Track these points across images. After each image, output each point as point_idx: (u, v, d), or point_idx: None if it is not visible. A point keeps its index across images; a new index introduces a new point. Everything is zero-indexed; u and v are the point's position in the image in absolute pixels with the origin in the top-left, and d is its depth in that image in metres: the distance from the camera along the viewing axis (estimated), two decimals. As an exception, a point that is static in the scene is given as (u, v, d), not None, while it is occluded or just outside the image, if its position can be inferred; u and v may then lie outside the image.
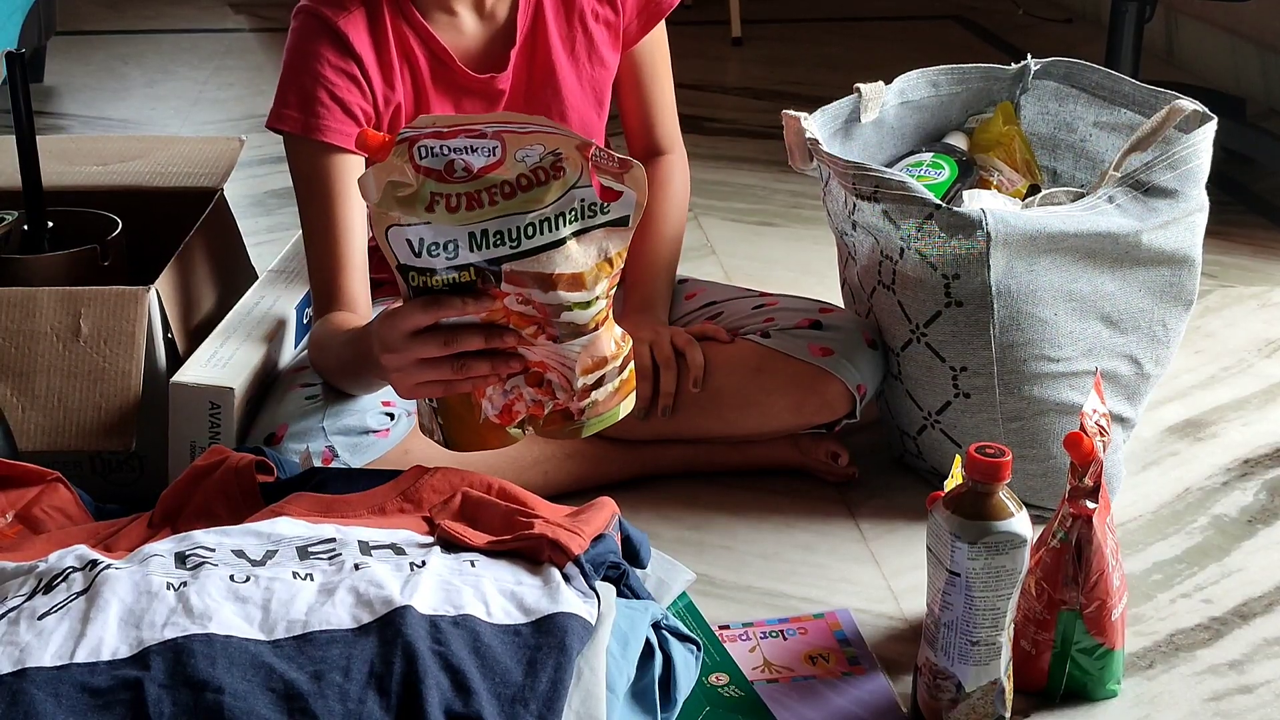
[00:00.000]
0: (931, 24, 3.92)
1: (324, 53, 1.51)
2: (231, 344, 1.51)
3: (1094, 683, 1.26)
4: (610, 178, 1.18)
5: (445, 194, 1.15)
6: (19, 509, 1.33)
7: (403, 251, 1.18)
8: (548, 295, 1.18)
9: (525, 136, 1.15)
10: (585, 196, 1.17)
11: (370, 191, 1.17)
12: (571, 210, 1.17)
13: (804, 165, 1.64)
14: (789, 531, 1.54)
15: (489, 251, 1.17)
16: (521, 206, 1.16)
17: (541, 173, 1.16)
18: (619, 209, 1.19)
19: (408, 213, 1.16)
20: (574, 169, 1.17)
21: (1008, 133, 1.72)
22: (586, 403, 1.24)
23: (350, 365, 1.42)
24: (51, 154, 1.81)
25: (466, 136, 1.15)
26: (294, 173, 1.55)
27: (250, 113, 3.06)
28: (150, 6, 4.06)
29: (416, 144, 1.15)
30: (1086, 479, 1.20)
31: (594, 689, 1.10)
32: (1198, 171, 1.51)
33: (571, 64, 1.61)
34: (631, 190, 1.19)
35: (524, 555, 1.21)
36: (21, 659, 1.06)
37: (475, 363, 1.21)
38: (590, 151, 1.16)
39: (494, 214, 1.16)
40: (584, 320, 1.20)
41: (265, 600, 1.13)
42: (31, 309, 1.50)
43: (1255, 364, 1.92)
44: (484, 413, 1.24)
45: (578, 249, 1.18)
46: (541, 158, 1.16)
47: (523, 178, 1.16)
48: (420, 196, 1.15)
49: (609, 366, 1.24)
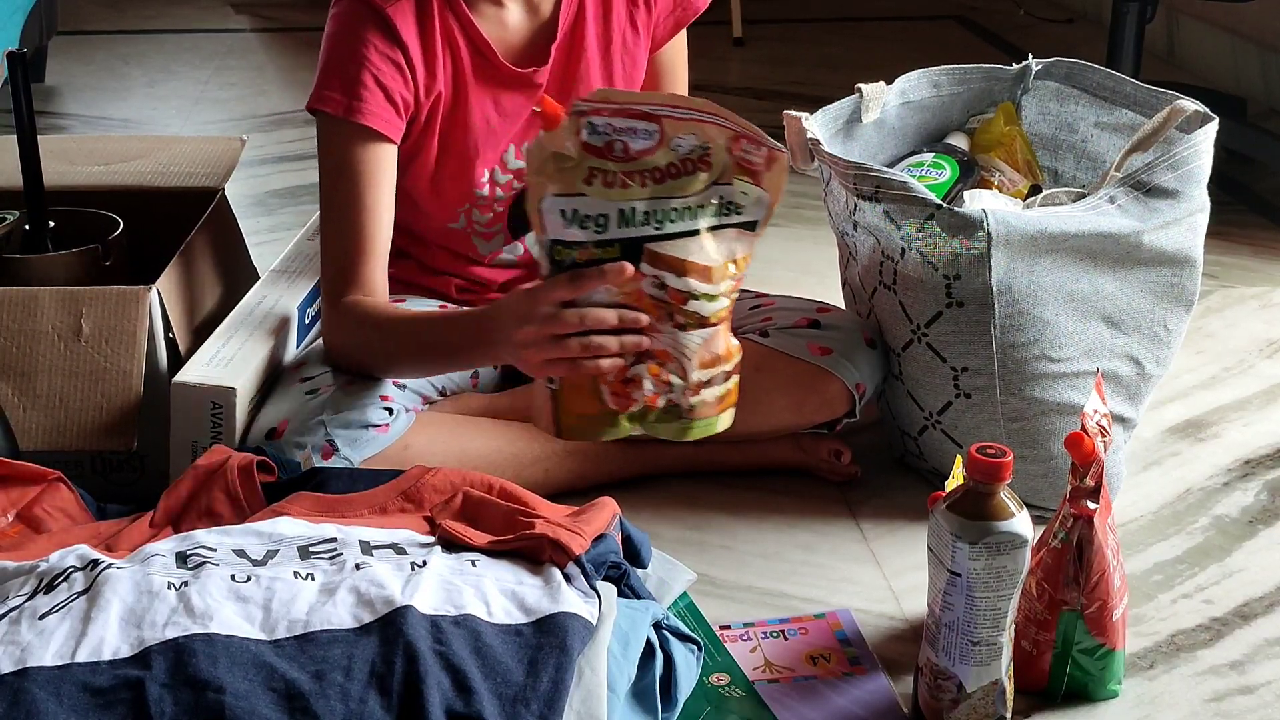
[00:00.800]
0: (932, 24, 3.92)
1: (371, 38, 1.50)
2: (234, 343, 1.51)
3: (1095, 683, 1.26)
4: (750, 176, 1.24)
5: (602, 169, 1.23)
6: (20, 508, 1.33)
7: (554, 222, 1.24)
8: (680, 281, 1.24)
9: (682, 124, 1.22)
10: (724, 194, 1.24)
11: (534, 160, 1.23)
12: (711, 204, 1.24)
13: (805, 165, 1.64)
14: (790, 531, 1.54)
15: (634, 230, 1.23)
16: (668, 191, 1.23)
17: (690, 163, 1.23)
18: (751, 211, 1.26)
19: (566, 184, 1.23)
20: (719, 164, 1.23)
21: (1009, 133, 1.72)
22: (696, 400, 1.29)
23: (441, 346, 1.45)
24: (53, 154, 1.81)
25: (631, 117, 1.22)
26: (326, 154, 1.53)
27: (251, 113, 3.06)
28: (151, 6, 4.06)
29: (586, 118, 1.22)
30: (1088, 479, 1.20)
31: (595, 689, 1.10)
32: (1199, 172, 1.51)
33: (604, 64, 1.62)
34: (765, 194, 1.25)
35: (525, 555, 1.22)
36: (23, 658, 1.06)
37: (606, 341, 1.25)
38: (739, 146, 1.22)
39: (643, 195, 1.23)
40: (708, 313, 1.26)
41: (266, 600, 1.13)
42: (33, 308, 1.50)
43: (1256, 364, 1.92)
44: (603, 397, 1.28)
45: (711, 243, 1.25)
46: (692, 149, 1.22)
47: (673, 165, 1.22)
48: (579, 169, 1.23)
49: (721, 367, 1.30)
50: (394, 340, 1.48)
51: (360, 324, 1.50)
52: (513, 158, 1.62)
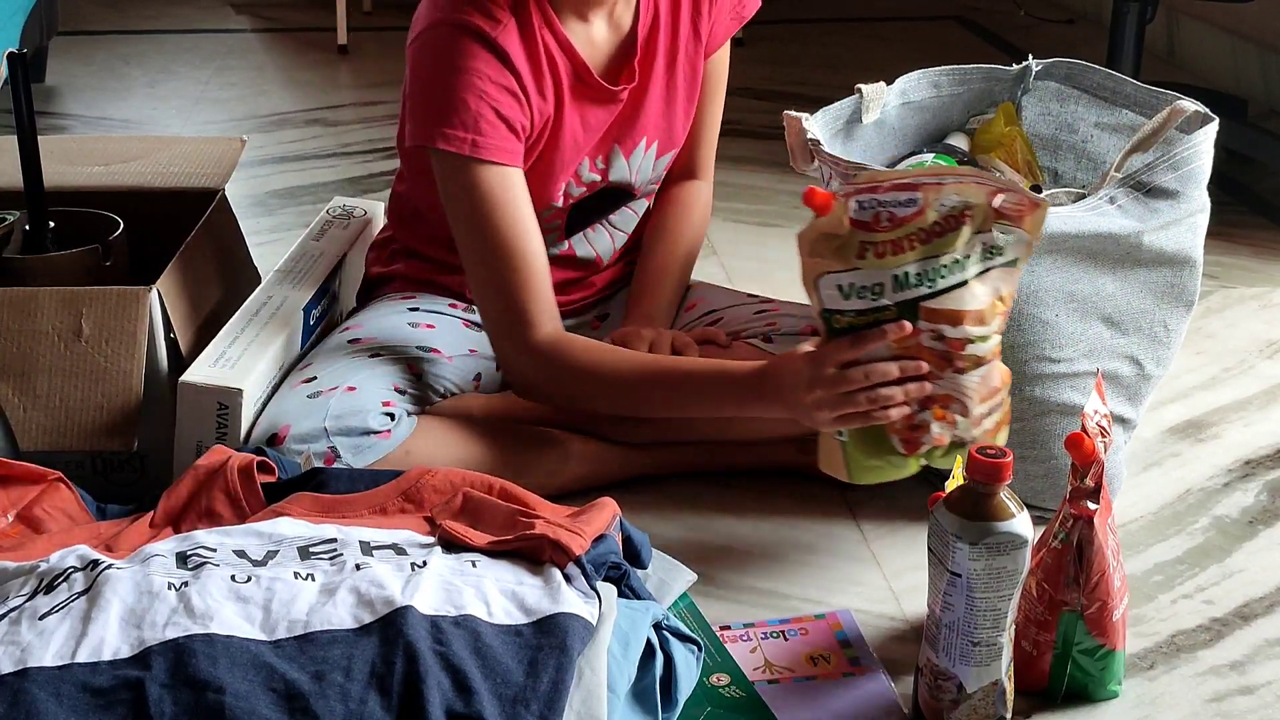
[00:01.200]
0: (933, 25, 3.92)
1: (482, 67, 1.46)
2: (240, 344, 1.51)
3: (1095, 683, 1.26)
4: (1009, 222, 1.27)
5: (872, 242, 1.26)
6: (20, 509, 1.33)
7: (831, 296, 1.29)
8: (956, 330, 1.28)
9: (944, 188, 1.26)
10: (986, 240, 1.27)
11: (806, 242, 1.28)
12: (976, 253, 1.27)
13: (805, 166, 1.64)
14: (790, 532, 1.54)
15: (908, 292, 1.27)
16: (936, 250, 1.27)
17: (953, 219, 1.26)
18: (1012, 250, 1.29)
19: (840, 261, 1.27)
20: (980, 215, 1.26)
21: (1009, 133, 1.72)
22: (979, 430, 1.33)
23: (702, 402, 1.47)
24: (53, 154, 1.81)
25: (895, 190, 1.25)
26: (458, 195, 1.49)
27: (252, 113, 3.07)
28: (152, 6, 4.06)
29: (853, 199, 1.25)
30: (1088, 480, 1.20)
31: (595, 689, 1.10)
32: (1199, 172, 1.51)
33: (668, 75, 1.63)
34: (1025, 234, 1.28)
35: (525, 555, 1.22)
36: (23, 659, 1.06)
37: (892, 393, 1.29)
38: (996, 199, 1.26)
39: (913, 258, 1.27)
40: (984, 352, 1.30)
41: (266, 600, 1.13)
42: (33, 309, 1.50)
43: (1256, 365, 1.92)
44: (892, 444, 1.33)
45: (980, 288, 1.29)
46: (954, 206, 1.26)
47: (937, 224, 1.26)
48: (850, 245, 1.26)
49: (998, 396, 1.33)
50: (632, 391, 1.48)
51: (577, 369, 1.49)
52: (587, 170, 1.62)
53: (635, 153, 1.65)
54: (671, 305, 1.71)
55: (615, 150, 1.63)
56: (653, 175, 1.70)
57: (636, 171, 1.67)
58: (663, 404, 1.50)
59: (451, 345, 1.60)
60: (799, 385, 1.34)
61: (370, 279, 1.77)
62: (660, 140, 1.66)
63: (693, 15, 1.63)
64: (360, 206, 1.90)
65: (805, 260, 1.29)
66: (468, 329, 1.65)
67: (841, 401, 1.31)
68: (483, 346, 1.63)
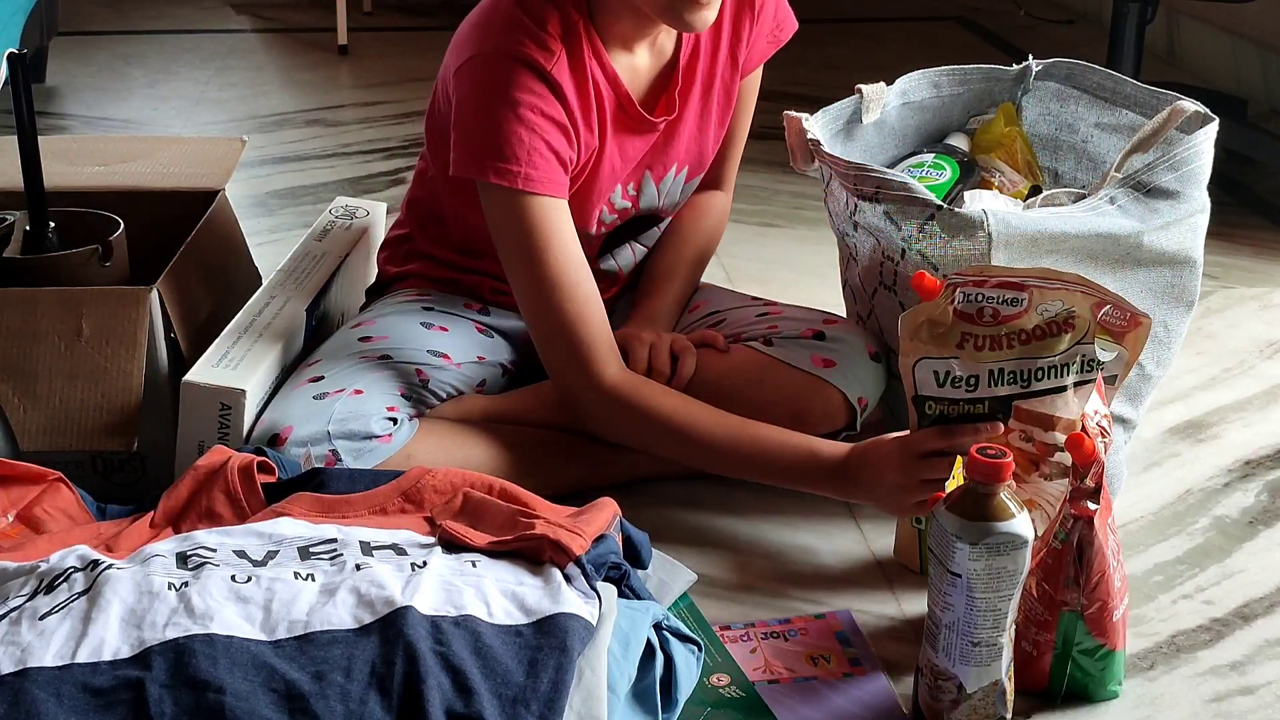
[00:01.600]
0: (934, 25, 3.92)
1: (538, 102, 1.45)
2: (242, 345, 1.51)
3: (1095, 684, 1.26)
4: (1112, 337, 1.30)
5: (973, 335, 1.29)
6: (20, 509, 1.33)
7: (926, 382, 1.32)
8: (1046, 435, 1.30)
9: (1051, 292, 1.28)
10: (1086, 353, 1.29)
11: (909, 326, 1.31)
12: (1074, 363, 1.30)
13: (805, 166, 1.64)
14: (790, 532, 1.54)
15: (1003, 389, 1.30)
16: (1035, 352, 1.29)
17: (1055, 325, 1.28)
18: (1112, 366, 1.30)
19: (940, 348, 1.30)
20: (1082, 326, 1.28)
21: (1009, 134, 1.72)
22: None
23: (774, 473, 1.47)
24: (53, 154, 1.81)
25: (1002, 287, 1.28)
26: (509, 228, 1.48)
27: (252, 113, 3.07)
28: (152, 7, 4.06)
29: (960, 290, 1.28)
30: (1088, 480, 1.20)
31: (595, 689, 1.10)
32: (1199, 172, 1.51)
33: (703, 102, 1.63)
34: (1125, 350, 1.30)
35: (525, 556, 1.21)
36: (23, 659, 1.06)
37: None
38: (1101, 311, 1.28)
39: (1011, 356, 1.29)
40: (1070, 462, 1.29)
41: (267, 600, 1.13)
42: (33, 309, 1.50)
43: (1256, 365, 1.92)
44: None
45: (1074, 398, 1.29)
46: (1058, 313, 1.28)
47: (1039, 328, 1.28)
48: (952, 335, 1.30)
49: None
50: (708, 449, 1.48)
51: (648, 418, 1.49)
52: (619, 198, 1.62)
53: (665, 179, 1.65)
54: (676, 308, 1.71)
55: (646, 177, 1.63)
56: (680, 198, 1.70)
57: (665, 195, 1.67)
58: (735, 466, 1.50)
59: (462, 351, 1.60)
60: (885, 468, 1.37)
61: (384, 277, 1.77)
62: (690, 165, 1.67)
63: (731, 42, 1.62)
64: (363, 207, 1.90)
65: (906, 343, 1.31)
66: (480, 333, 1.65)
67: (922, 488, 1.34)
68: (492, 352, 1.63)
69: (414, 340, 1.58)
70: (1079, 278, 1.29)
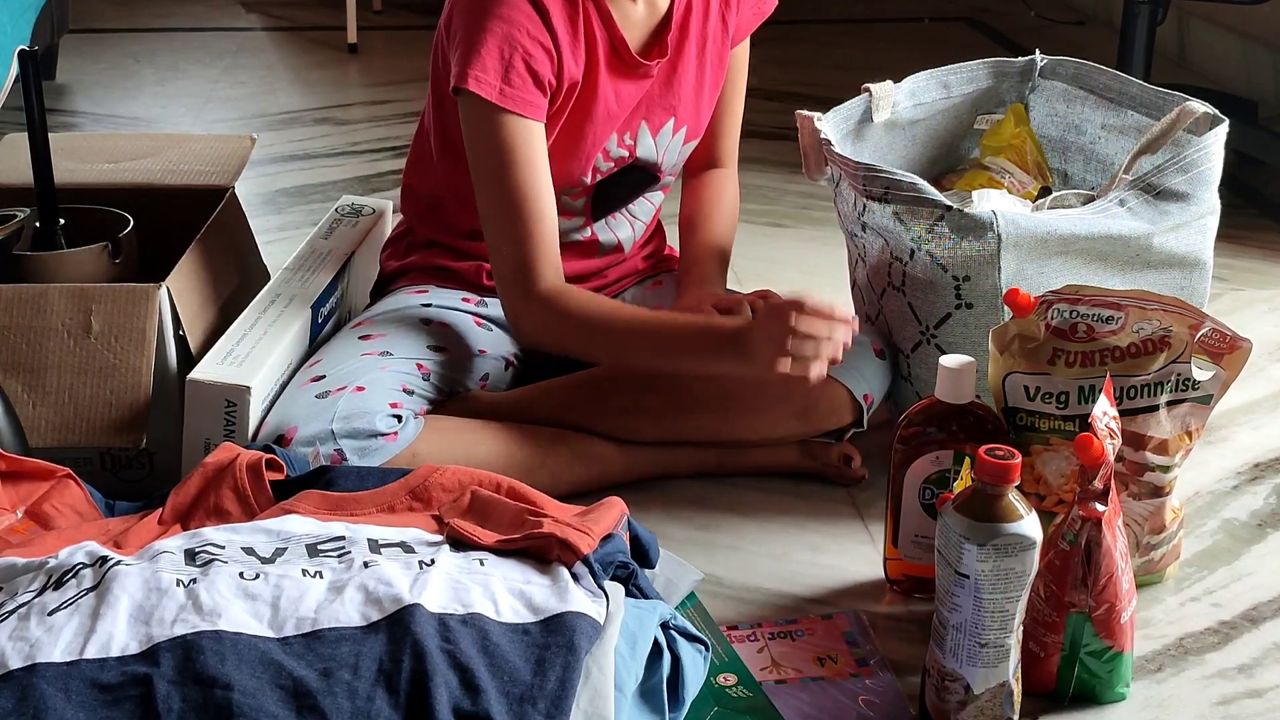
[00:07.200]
0: (943, 26, 3.92)
1: (524, 22, 1.50)
2: (248, 341, 1.51)
3: (1102, 685, 1.26)
4: (1209, 358, 1.29)
5: (1065, 350, 1.30)
6: (29, 505, 1.33)
7: (1017, 395, 1.32)
8: (1137, 454, 1.30)
9: (1148, 312, 1.27)
10: (1181, 372, 1.29)
11: (1001, 339, 1.31)
12: (1168, 382, 1.30)
13: (818, 176, 1.64)
14: (798, 532, 1.54)
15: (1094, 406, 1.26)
16: (1128, 370, 1.29)
17: (1150, 344, 1.28)
18: (1208, 386, 1.30)
19: (1031, 363, 1.31)
20: (1179, 345, 1.28)
21: (1019, 135, 1.72)
22: (1143, 560, 1.35)
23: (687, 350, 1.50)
24: (63, 151, 1.82)
25: (1097, 305, 1.28)
26: (479, 139, 1.53)
27: (262, 111, 3.07)
28: (162, 5, 4.07)
29: (1053, 306, 1.28)
30: (1096, 482, 1.20)
31: (602, 688, 1.10)
32: (1209, 174, 1.51)
33: (699, 62, 1.65)
34: (1223, 371, 1.29)
35: (533, 554, 1.22)
36: (32, 654, 1.06)
37: None
38: (1199, 332, 1.27)
39: (1103, 374, 1.28)
40: (1161, 483, 1.32)
41: (274, 598, 1.13)
42: (43, 305, 1.50)
43: (1266, 368, 1.92)
44: None
45: (1166, 417, 1.29)
46: (1153, 331, 1.27)
47: (1133, 346, 1.28)
48: (1043, 350, 1.30)
49: (1168, 531, 1.36)
50: (622, 341, 1.53)
51: (570, 318, 1.53)
52: (615, 146, 1.64)
53: (663, 132, 1.66)
54: (722, 271, 1.72)
55: (643, 127, 1.65)
56: (676, 159, 1.71)
57: (664, 153, 1.68)
58: (653, 353, 1.53)
59: (461, 346, 1.61)
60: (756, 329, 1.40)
61: (385, 274, 1.78)
62: (689, 125, 1.68)
63: (722, 5, 1.65)
64: (369, 205, 1.90)
65: (996, 356, 1.31)
66: (479, 327, 1.66)
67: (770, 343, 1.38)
68: (492, 346, 1.64)
69: (414, 336, 1.59)
70: (1177, 300, 1.30)
